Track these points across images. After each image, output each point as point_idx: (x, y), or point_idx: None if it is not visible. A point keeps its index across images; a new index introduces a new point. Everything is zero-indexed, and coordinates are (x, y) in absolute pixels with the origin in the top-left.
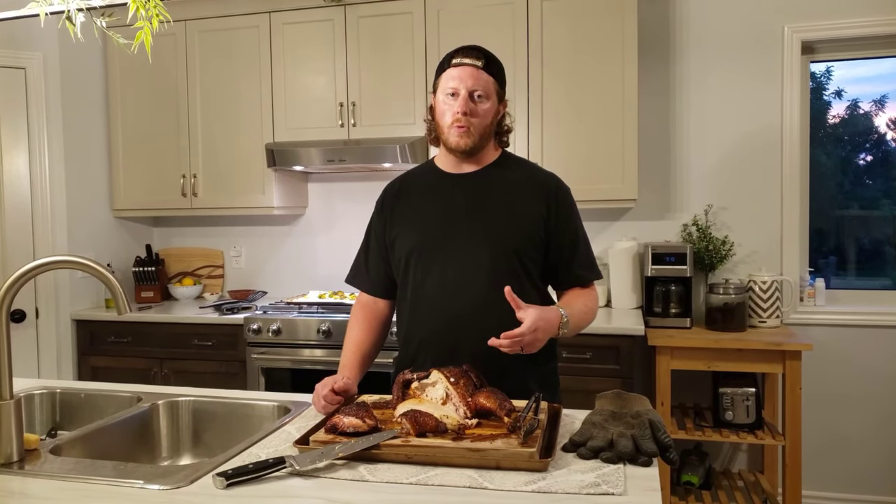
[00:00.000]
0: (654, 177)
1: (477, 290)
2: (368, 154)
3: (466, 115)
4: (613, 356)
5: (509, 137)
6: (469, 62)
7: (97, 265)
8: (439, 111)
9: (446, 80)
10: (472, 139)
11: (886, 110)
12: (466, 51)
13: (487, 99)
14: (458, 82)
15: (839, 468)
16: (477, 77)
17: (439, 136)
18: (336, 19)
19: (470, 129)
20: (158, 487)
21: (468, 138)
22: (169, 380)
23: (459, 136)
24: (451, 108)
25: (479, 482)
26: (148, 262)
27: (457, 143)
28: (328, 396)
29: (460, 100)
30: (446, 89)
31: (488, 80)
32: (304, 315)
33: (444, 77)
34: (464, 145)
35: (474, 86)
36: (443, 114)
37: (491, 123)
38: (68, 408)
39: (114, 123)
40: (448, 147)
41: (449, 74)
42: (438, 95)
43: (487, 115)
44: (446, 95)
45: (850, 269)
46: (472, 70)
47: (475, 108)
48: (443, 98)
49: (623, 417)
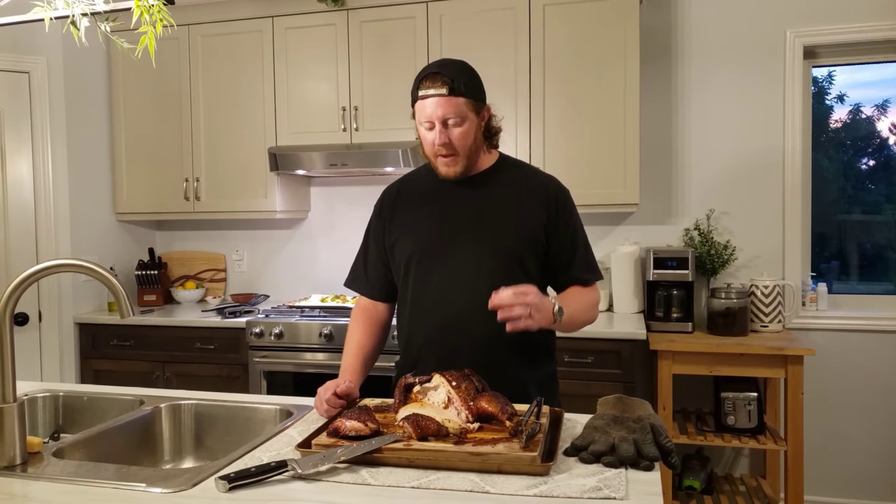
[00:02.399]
0: (656, 181)
1: (477, 295)
2: (370, 158)
3: (446, 145)
4: (615, 360)
5: (506, 137)
6: (433, 93)
7: (100, 269)
8: (422, 138)
9: (419, 112)
10: (459, 166)
11: (888, 115)
12: (430, 78)
13: (463, 121)
14: (428, 116)
15: (841, 473)
16: (446, 105)
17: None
18: (338, 24)
19: (455, 156)
20: (161, 491)
21: (455, 167)
22: (171, 383)
23: (447, 166)
24: (430, 138)
25: (480, 486)
26: (150, 266)
27: (445, 172)
28: (330, 400)
29: (436, 132)
30: (421, 121)
31: (458, 103)
32: (306, 319)
33: (417, 108)
34: (453, 174)
35: (445, 114)
36: (425, 141)
37: (475, 140)
38: (71, 411)
39: (117, 127)
40: (440, 175)
41: (420, 105)
42: (417, 125)
43: (468, 136)
44: (423, 126)
45: (853, 274)
46: (438, 100)
47: (451, 135)
48: (421, 129)
49: (625, 422)
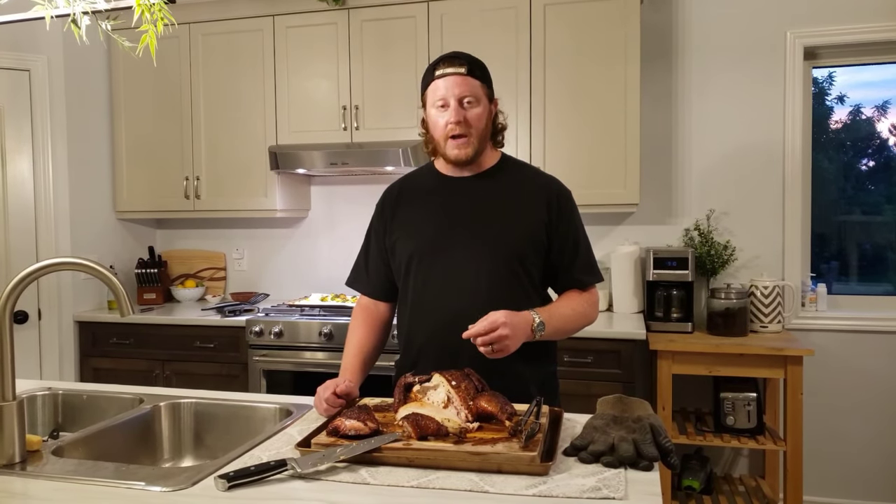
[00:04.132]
0: (657, 181)
1: (478, 295)
2: (371, 157)
3: (461, 124)
4: (615, 360)
5: (506, 137)
6: (452, 71)
7: (100, 267)
8: (432, 123)
9: (433, 93)
10: (471, 148)
11: (889, 116)
12: (448, 60)
13: (478, 103)
14: (445, 92)
15: (841, 473)
16: (463, 83)
17: (436, 149)
18: (339, 23)
19: (468, 137)
20: (160, 489)
21: (468, 148)
22: (171, 382)
23: (458, 148)
24: (444, 119)
25: (480, 486)
26: (150, 264)
27: (457, 155)
28: (330, 399)
29: (451, 109)
30: (435, 102)
31: (475, 85)
32: (305, 318)
33: (431, 90)
34: (464, 156)
35: (462, 93)
36: (435, 126)
37: (486, 126)
38: (70, 409)
39: (117, 126)
40: (448, 160)
41: (434, 86)
42: (429, 109)
43: (481, 118)
44: (436, 108)
45: (852, 275)
46: (456, 78)
47: (467, 114)
48: (433, 111)
49: (624, 422)
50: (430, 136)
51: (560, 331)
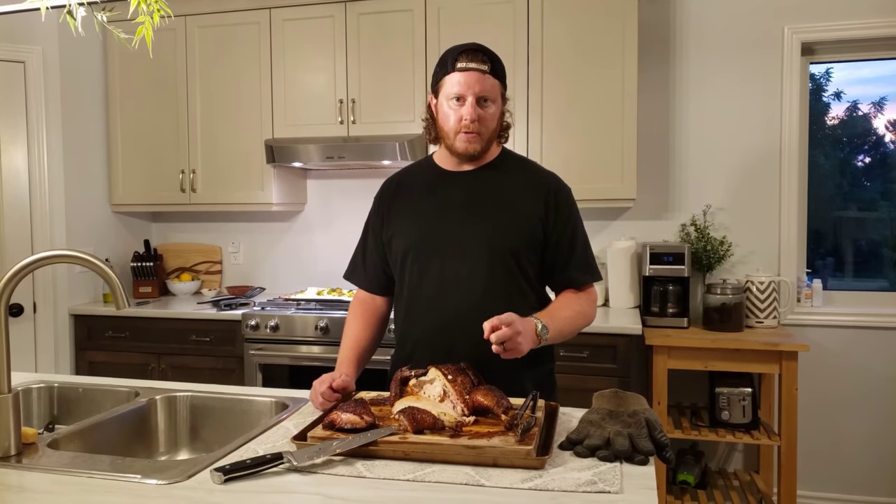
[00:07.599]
0: (653, 177)
1: (474, 290)
2: (368, 151)
3: (475, 122)
4: (611, 355)
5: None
6: (475, 67)
7: (96, 260)
8: (443, 114)
9: (451, 85)
10: (480, 145)
11: (885, 112)
12: (471, 53)
13: (493, 103)
14: (464, 88)
15: (835, 469)
16: (484, 82)
17: (442, 139)
18: (336, 16)
19: (480, 134)
20: (156, 482)
21: (477, 144)
22: (166, 375)
23: (468, 142)
24: (457, 113)
25: (475, 479)
26: (146, 258)
27: (465, 148)
28: (326, 393)
29: (468, 107)
30: (451, 94)
31: (494, 84)
32: (301, 311)
33: (449, 81)
34: (472, 150)
35: (482, 91)
36: (447, 118)
37: (497, 126)
38: (66, 402)
39: (113, 118)
40: (454, 152)
41: (454, 79)
42: (441, 99)
43: (494, 118)
44: (451, 100)
45: (848, 271)
46: (478, 75)
47: (483, 113)
48: (447, 102)
49: (620, 416)
50: (438, 124)
51: (563, 333)
